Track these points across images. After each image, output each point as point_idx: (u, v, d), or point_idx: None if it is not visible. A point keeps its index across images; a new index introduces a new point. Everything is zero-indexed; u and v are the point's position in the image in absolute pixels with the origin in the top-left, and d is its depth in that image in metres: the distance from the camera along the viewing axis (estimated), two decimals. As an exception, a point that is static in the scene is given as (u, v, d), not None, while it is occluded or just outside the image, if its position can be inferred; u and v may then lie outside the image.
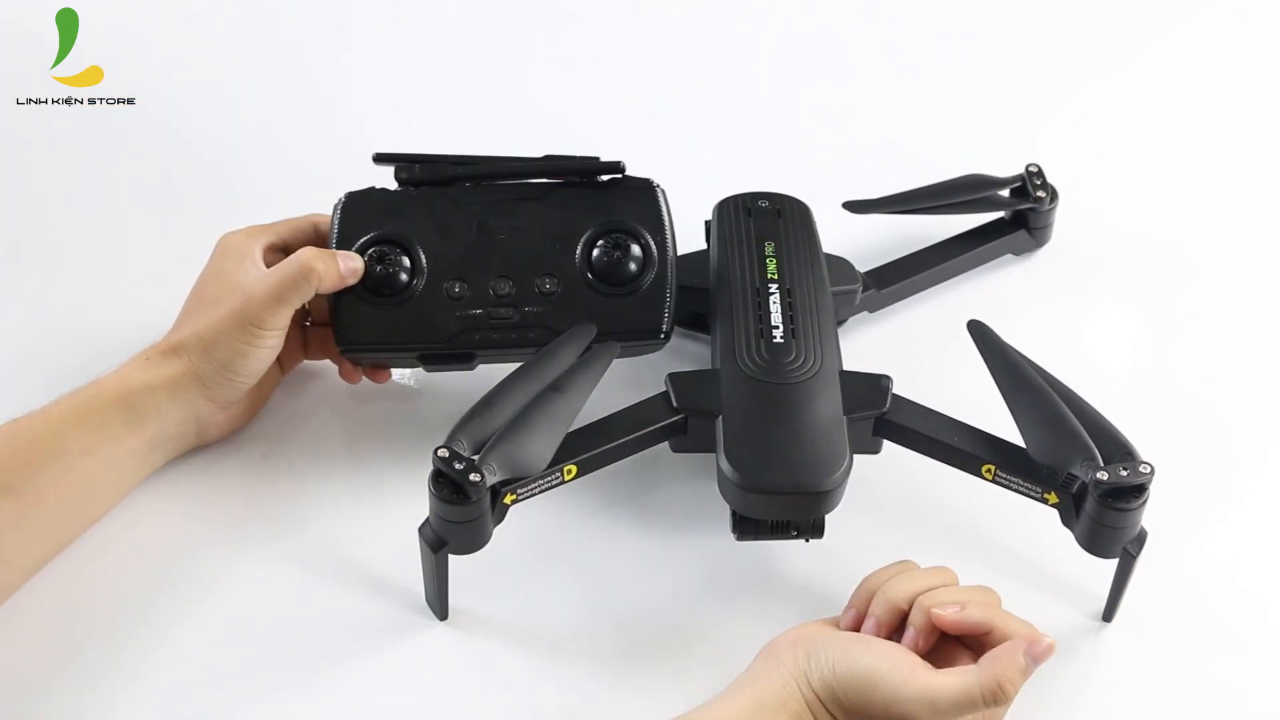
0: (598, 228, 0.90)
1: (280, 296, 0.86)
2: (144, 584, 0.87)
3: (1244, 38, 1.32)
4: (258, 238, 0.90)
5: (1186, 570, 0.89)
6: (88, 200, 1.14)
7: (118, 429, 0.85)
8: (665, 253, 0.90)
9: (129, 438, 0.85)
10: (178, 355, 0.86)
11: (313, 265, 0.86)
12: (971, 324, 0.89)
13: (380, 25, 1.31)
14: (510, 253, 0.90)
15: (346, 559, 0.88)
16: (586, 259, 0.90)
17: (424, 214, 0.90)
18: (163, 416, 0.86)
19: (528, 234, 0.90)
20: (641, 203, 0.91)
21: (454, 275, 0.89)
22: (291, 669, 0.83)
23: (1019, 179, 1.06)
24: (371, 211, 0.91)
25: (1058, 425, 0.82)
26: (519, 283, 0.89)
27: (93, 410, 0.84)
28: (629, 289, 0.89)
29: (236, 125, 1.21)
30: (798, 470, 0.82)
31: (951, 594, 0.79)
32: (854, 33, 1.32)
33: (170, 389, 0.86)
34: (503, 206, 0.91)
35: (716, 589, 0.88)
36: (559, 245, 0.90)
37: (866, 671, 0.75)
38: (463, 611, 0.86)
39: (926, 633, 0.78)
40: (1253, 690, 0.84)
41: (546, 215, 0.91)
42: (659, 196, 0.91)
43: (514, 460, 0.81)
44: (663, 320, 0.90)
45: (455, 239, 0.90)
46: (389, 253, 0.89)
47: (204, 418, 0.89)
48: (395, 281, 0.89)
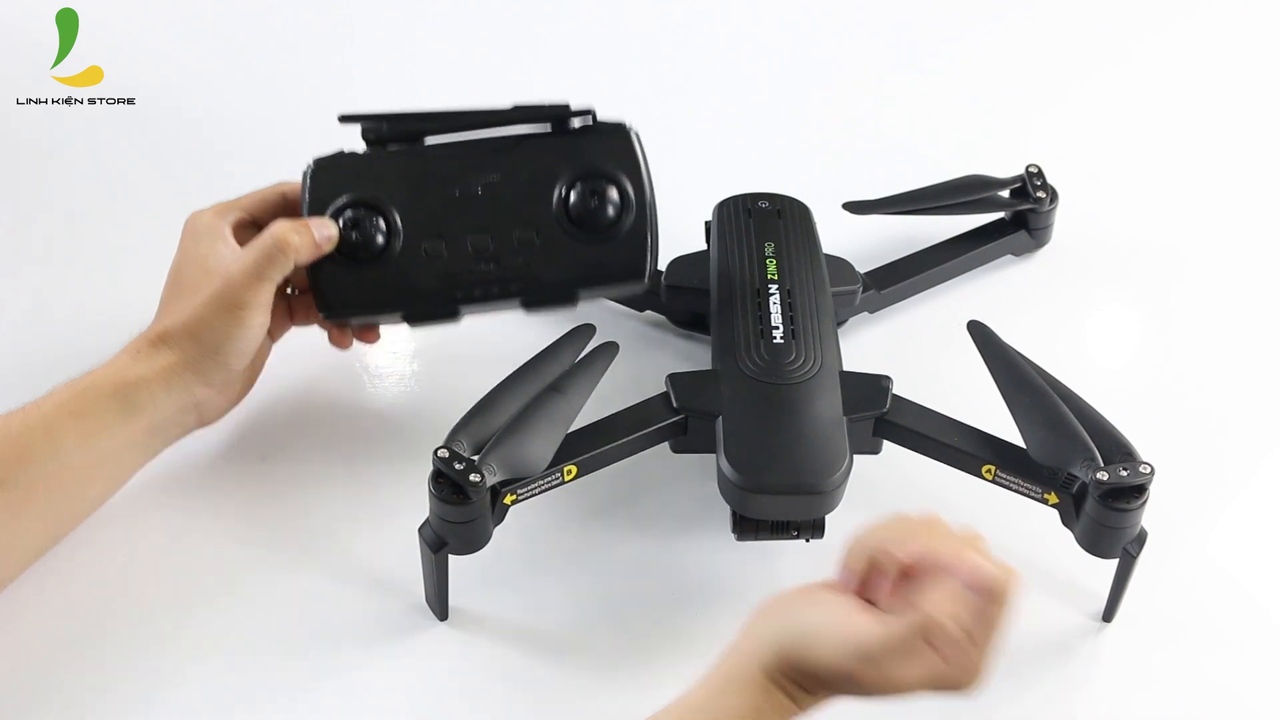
0: (572, 175, 0.88)
1: (259, 274, 0.85)
2: (143, 584, 0.87)
3: (1244, 37, 1.32)
4: (226, 215, 0.89)
5: (1186, 570, 0.89)
6: (88, 200, 1.13)
7: (113, 421, 0.84)
8: (642, 194, 0.88)
9: (125, 430, 0.84)
10: (167, 346, 0.85)
11: (287, 239, 0.85)
12: (971, 324, 0.89)
13: (380, 26, 1.31)
14: (485, 207, 0.88)
15: (346, 559, 0.88)
16: (563, 207, 0.88)
17: (395, 174, 0.89)
18: (159, 407, 0.85)
19: (502, 186, 0.89)
20: (615, 146, 0.89)
21: (431, 234, 0.88)
22: (291, 668, 0.83)
23: (1019, 180, 1.06)
24: (341, 175, 0.89)
25: (1058, 425, 0.82)
26: (497, 236, 0.88)
27: (87, 403, 0.83)
28: (608, 234, 0.88)
29: (237, 125, 1.20)
30: (798, 470, 0.82)
31: (912, 531, 0.71)
32: (854, 33, 1.32)
33: (165, 380, 0.85)
34: (475, 160, 0.89)
35: (716, 589, 0.88)
36: (534, 195, 0.88)
37: (805, 628, 0.69)
38: (463, 611, 0.86)
39: (874, 575, 0.70)
40: (1253, 690, 0.84)
41: (519, 166, 0.89)
42: (632, 139, 0.89)
43: (514, 461, 0.81)
44: (644, 263, 0.88)
45: (429, 197, 0.88)
46: (363, 216, 0.88)
47: (202, 402, 0.87)
48: (372, 245, 0.88)
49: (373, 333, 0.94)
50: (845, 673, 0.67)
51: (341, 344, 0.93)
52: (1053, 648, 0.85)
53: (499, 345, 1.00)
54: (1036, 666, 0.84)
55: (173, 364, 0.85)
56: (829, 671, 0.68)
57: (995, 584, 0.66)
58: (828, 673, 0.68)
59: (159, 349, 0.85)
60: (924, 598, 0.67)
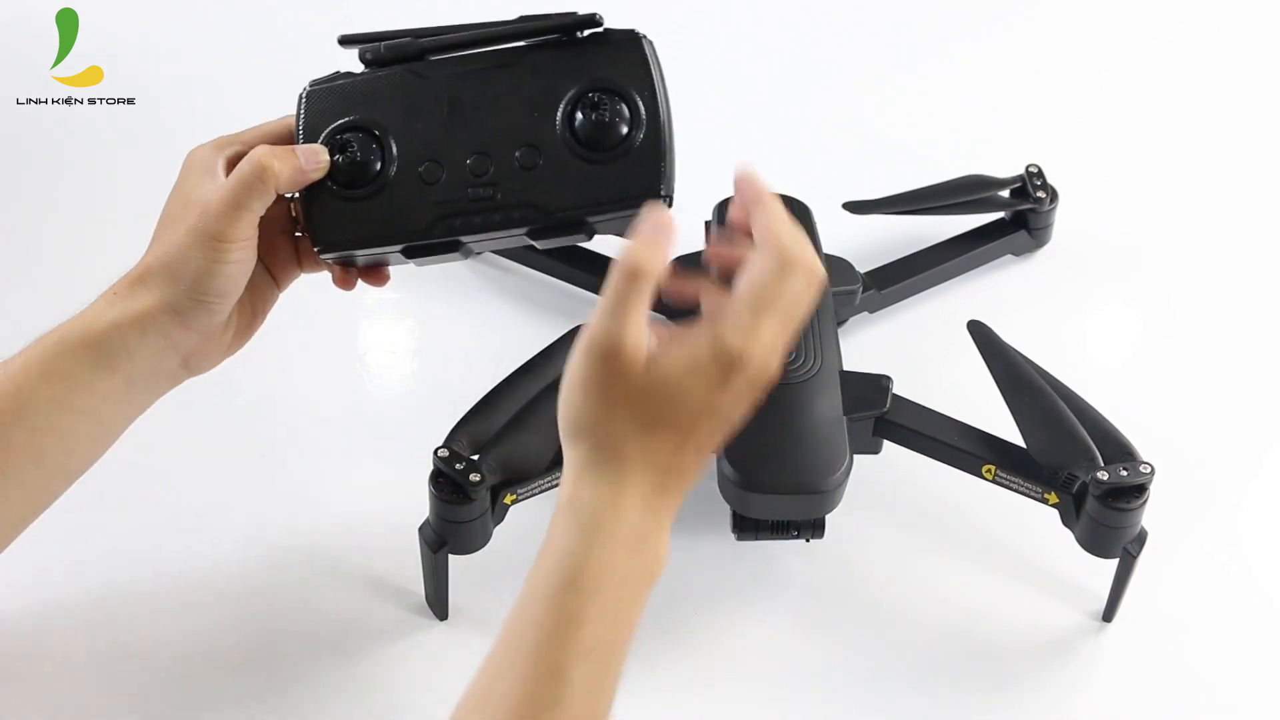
0: (578, 89, 0.80)
1: (237, 203, 0.77)
2: (140, 583, 0.87)
3: (1244, 37, 1.32)
4: (223, 149, 0.82)
5: (1186, 570, 0.89)
6: (88, 200, 1.14)
7: (86, 375, 0.77)
8: (656, 107, 0.80)
9: (99, 383, 0.77)
10: (144, 285, 0.78)
11: (266, 164, 0.78)
12: (971, 324, 0.89)
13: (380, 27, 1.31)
14: (485, 126, 0.81)
15: (346, 558, 0.88)
16: (569, 124, 0.80)
17: (392, 95, 0.83)
18: (134, 355, 0.78)
19: (503, 104, 0.81)
20: (626, 57, 0.81)
21: (427, 157, 0.81)
22: (291, 668, 0.83)
23: (1019, 179, 1.06)
24: (337, 99, 0.83)
25: (1058, 425, 0.82)
26: (497, 158, 0.80)
27: (56, 358, 0.77)
28: (618, 152, 0.79)
29: (236, 125, 1.20)
30: (798, 470, 0.82)
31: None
32: (854, 33, 1.32)
33: (140, 324, 0.77)
34: (474, 77, 0.82)
35: (716, 589, 0.88)
36: (537, 113, 0.80)
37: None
38: (463, 611, 0.86)
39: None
40: (1253, 690, 0.84)
41: (522, 81, 0.81)
42: (645, 47, 0.82)
43: (514, 461, 0.81)
44: (659, 180, 0.79)
45: (426, 118, 0.82)
46: (356, 140, 0.81)
47: (186, 348, 0.80)
48: (365, 171, 0.81)
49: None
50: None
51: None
52: (1053, 648, 0.85)
53: (499, 345, 1.00)
54: (1036, 666, 0.84)
55: (149, 305, 0.78)
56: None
57: (785, 252, 0.67)
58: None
59: (136, 290, 0.78)
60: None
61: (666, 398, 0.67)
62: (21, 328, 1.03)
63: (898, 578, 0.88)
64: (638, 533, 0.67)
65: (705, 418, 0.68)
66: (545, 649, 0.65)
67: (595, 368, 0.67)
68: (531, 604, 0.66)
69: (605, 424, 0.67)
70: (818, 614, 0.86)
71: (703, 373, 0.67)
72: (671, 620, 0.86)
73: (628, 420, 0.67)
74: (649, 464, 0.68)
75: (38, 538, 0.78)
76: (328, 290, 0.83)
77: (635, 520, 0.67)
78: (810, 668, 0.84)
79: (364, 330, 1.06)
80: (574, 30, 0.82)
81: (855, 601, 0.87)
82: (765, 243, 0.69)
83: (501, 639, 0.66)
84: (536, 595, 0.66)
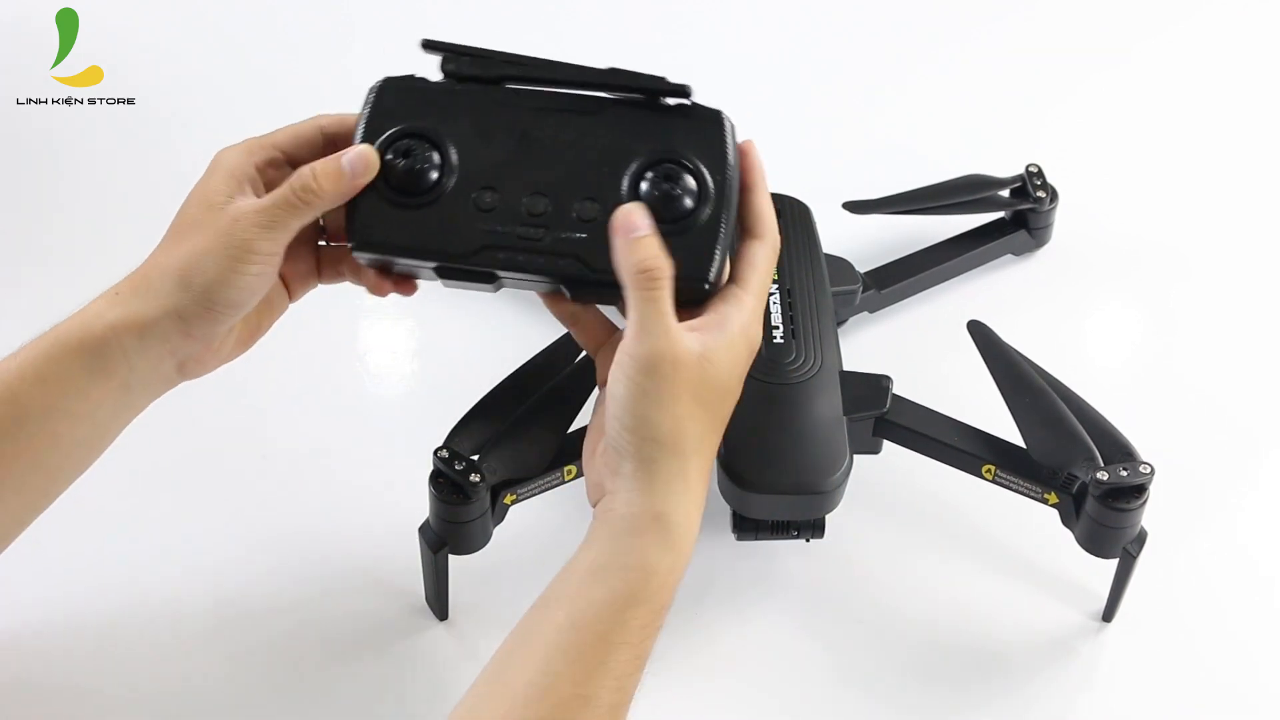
0: (651, 155, 0.79)
1: (274, 222, 0.75)
2: (139, 584, 0.87)
3: (1244, 37, 1.32)
4: (255, 153, 0.79)
5: (1186, 570, 0.89)
6: (88, 200, 1.14)
7: (81, 381, 0.75)
8: (724, 193, 0.78)
9: (94, 389, 0.75)
10: (149, 288, 0.75)
11: (312, 186, 0.76)
12: (971, 324, 0.89)
13: (381, 26, 1.31)
14: (551, 168, 0.79)
15: (347, 559, 0.88)
16: (634, 188, 0.78)
17: (464, 112, 0.80)
18: (131, 361, 0.75)
19: (574, 151, 0.79)
20: (707, 136, 0.80)
21: (485, 183, 0.79)
22: (291, 668, 0.83)
23: (1019, 179, 1.06)
24: (407, 101, 0.81)
25: (1058, 425, 0.82)
26: (555, 203, 0.78)
27: (51, 362, 0.75)
28: (675, 229, 0.77)
29: (237, 125, 1.20)
30: (798, 470, 0.82)
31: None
32: (854, 33, 1.32)
33: (140, 330, 0.75)
34: (552, 117, 0.80)
35: (716, 589, 0.88)
36: (606, 168, 0.79)
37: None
38: (463, 611, 0.86)
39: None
40: (1253, 690, 0.84)
41: (598, 133, 0.80)
42: (726, 130, 0.80)
43: (514, 461, 0.81)
44: (708, 268, 0.76)
45: (493, 144, 0.80)
46: (417, 148, 0.79)
47: (185, 354, 0.77)
48: (421, 180, 0.79)
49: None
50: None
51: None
52: (1053, 648, 0.85)
53: (499, 345, 1.00)
54: (1036, 666, 0.84)
55: (153, 310, 0.75)
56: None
57: (774, 236, 0.76)
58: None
59: (140, 292, 0.75)
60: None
61: (723, 389, 0.72)
62: (21, 328, 1.03)
63: (898, 578, 0.89)
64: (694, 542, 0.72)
65: (735, 399, 0.73)
66: (590, 654, 0.68)
67: (657, 381, 0.70)
68: (587, 610, 0.68)
69: (678, 431, 0.71)
70: (818, 614, 0.86)
71: (739, 361, 0.73)
72: (671, 620, 0.85)
73: (697, 420, 0.71)
74: (705, 461, 0.72)
75: (36, 538, 0.78)
76: (328, 290, 0.83)
77: (697, 530, 0.72)
78: (810, 668, 0.84)
79: (364, 330, 1.06)
80: (661, 96, 0.80)
81: (855, 601, 0.87)
82: (764, 224, 0.76)
83: (540, 633, 0.69)
84: (593, 604, 0.69)
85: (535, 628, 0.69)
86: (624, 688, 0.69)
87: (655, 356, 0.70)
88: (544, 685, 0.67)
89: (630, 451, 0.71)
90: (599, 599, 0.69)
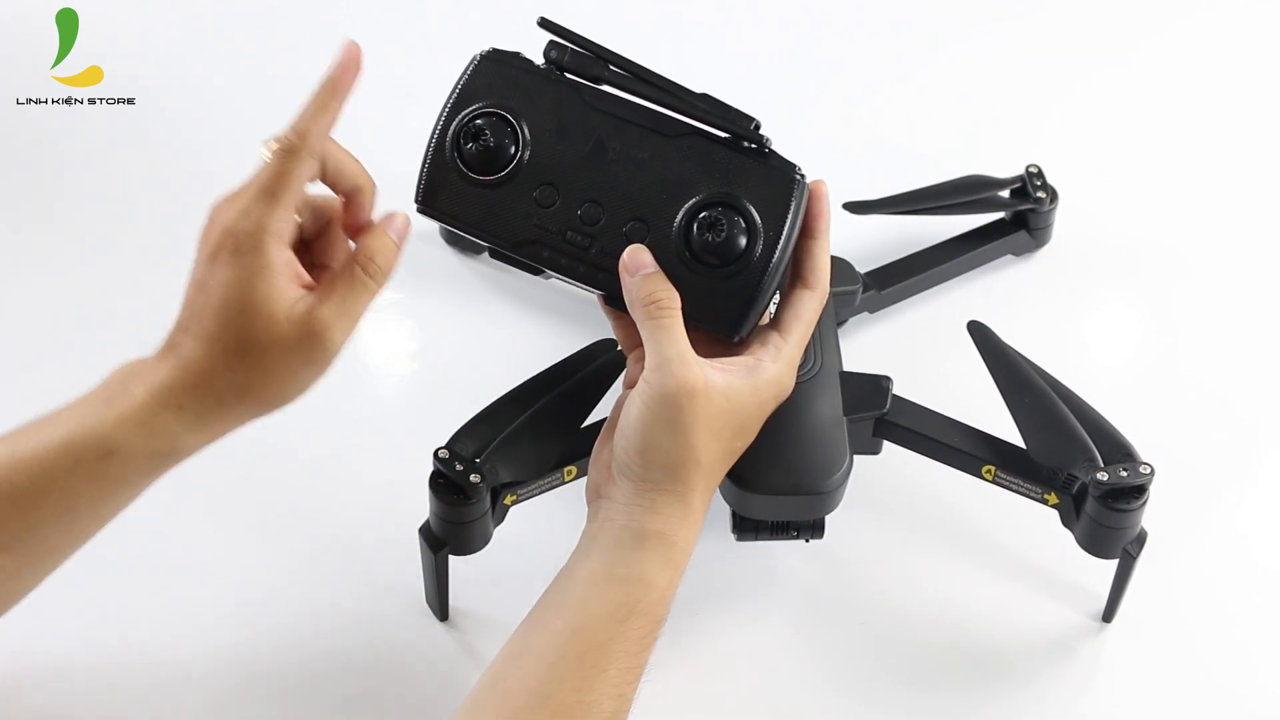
0: (715, 195, 0.79)
1: (344, 312, 0.73)
2: (140, 581, 0.87)
3: (1244, 37, 1.32)
4: (278, 234, 0.72)
5: (1186, 571, 0.89)
6: (88, 200, 1.14)
7: (94, 494, 0.72)
8: (772, 249, 0.78)
9: (107, 489, 0.73)
10: (226, 411, 0.73)
11: (381, 267, 0.75)
12: (971, 325, 0.89)
13: (381, 26, 1.31)
14: (615, 181, 0.80)
15: (347, 559, 0.88)
16: (687, 221, 0.78)
17: (550, 105, 0.81)
18: (142, 458, 0.72)
19: (642, 170, 0.80)
20: (775, 189, 0.79)
21: (549, 180, 0.80)
22: (291, 668, 0.83)
23: (1019, 179, 1.06)
24: (503, 79, 0.82)
25: (1058, 426, 0.82)
26: (609, 216, 0.79)
27: (63, 473, 0.70)
28: (719, 274, 0.78)
29: (237, 125, 1.20)
30: (798, 471, 0.82)
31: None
32: (854, 33, 1.32)
33: (171, 454, 0.73)
34: (630, 130, 0.80)
35: (716, 589, 0.88)
36: (667, 195, 0.79)
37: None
38: (463, 611, 0.86)
39: None
40: (1253, 690, 0.84)
41: (670, 158, 0.80)
42: (794, 190, 0.79)
43: (514, 462, 0.81)
44: (741, 323, 0.78)
45: (569, 144, 0.80)
46: (497, 129, 0.80)
47: (185, 450, 0.75)
48: (493, 161, 0.80)
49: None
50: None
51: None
52: (1053, 648, 0.85)
53: (500, 346, 1.00)
54: (1036, 666, 0.84)
55: (229, 428, 0.74)
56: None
57: (824, 286, 0.79)
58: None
59: (217, 416, 0.73)
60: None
61: (740, 429, 0.75)
62: (21, 328, 1.04)
63: (897, 578, 0.89)
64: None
65: (750, 439, 0.77)
66: (591, 662, 0.69)
67: (670, 411, 0.72)
68: (588, 619, 0.70)
69: (688, 460, 0.73)
70: (818, 614, 0.86)
71: (763, 406, 0.76)
72: (670, 620, 0.86)
73: (709, 452, 0.74)
74: (709, 488, 0.75)
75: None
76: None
77: (693, 549, 0.74)
78: (810, 668, 0.84)
79: (364, 331, 1.05)
80: (742, 137, 0.80)
81: (855, 602, 0.87)
82: (817, 275, 0.78)
83: (538, 638, 0.70)
84: (594, 613, 0.70)
85: (535, 635, 0.70)
86: (624, 695, 0.69)
87: (672, 387, 0.72)
88: (545, 692, 0.67)
89: (637, 474, 0.73)
90: (599, 609, 0.70)
